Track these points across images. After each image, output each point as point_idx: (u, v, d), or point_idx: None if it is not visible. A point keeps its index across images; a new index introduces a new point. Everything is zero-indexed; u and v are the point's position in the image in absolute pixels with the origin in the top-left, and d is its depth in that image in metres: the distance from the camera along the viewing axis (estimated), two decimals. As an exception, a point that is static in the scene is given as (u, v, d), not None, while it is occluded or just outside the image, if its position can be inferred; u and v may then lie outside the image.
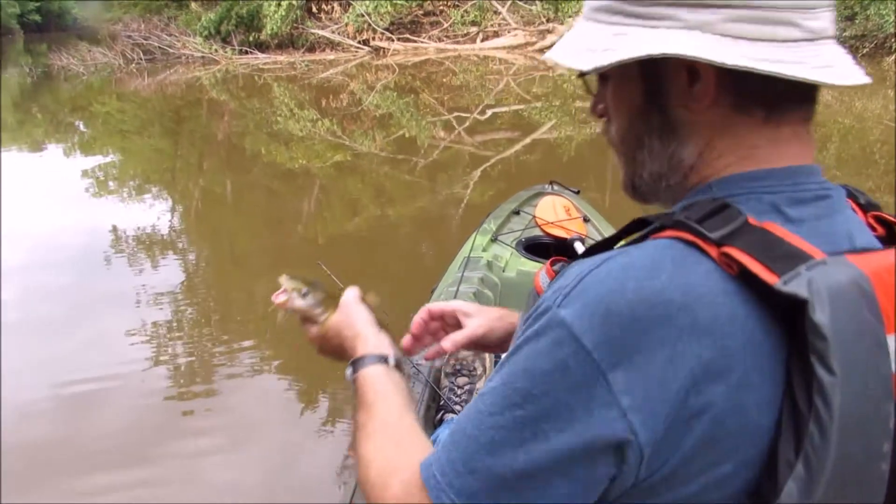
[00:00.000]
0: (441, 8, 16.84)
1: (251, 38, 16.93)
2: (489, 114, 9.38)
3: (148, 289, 4.08)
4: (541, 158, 7.09)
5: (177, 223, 5.83)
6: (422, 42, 16.49)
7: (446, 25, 16.55)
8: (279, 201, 6.32)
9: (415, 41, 16.50)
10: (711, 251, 0.53)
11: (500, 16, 16.22)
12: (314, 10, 17.21)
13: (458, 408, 1.52)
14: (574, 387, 0.51)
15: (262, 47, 16.87)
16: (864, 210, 0.65)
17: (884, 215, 0.65)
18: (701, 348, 0.50)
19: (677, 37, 0.56)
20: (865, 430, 0.50)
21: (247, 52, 16.68)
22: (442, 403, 1.56)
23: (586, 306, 0.52)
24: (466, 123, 8.70)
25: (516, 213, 2.81)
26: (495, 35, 16.24)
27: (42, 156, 8.99)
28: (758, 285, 0.51)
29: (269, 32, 16.40)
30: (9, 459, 2.48)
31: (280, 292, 0.93)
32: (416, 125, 9.01)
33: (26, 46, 32.34)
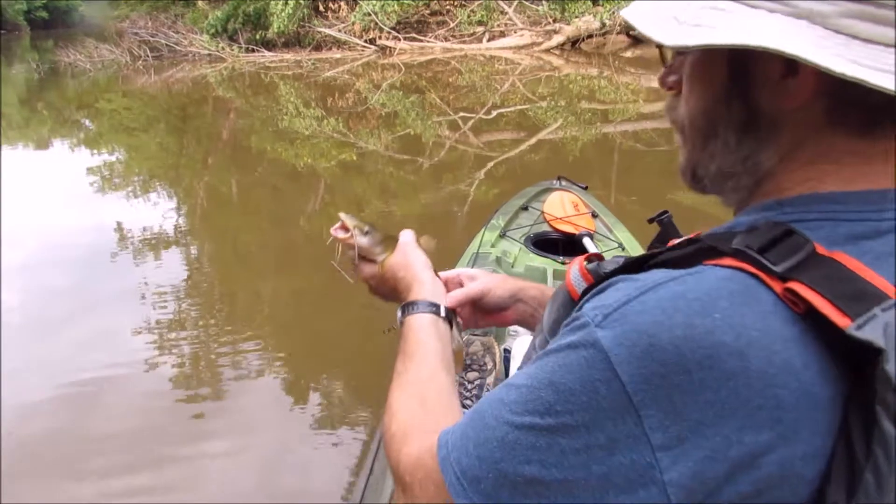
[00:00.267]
0: (448, 7, 16.85)
1: (258, 37, 16.99)
2: (494, 114, 9.38)
3: (153, 287, 4.09)
4: (546, 158, 7.09)
5: (182, 221, 5.84)
6: (428, 41, 16.50)
7: (453, 25, 16.56)
8: (285, 199, 6.33)
9: (421, 40, 16.51)
10: (775, 286, 0.48)
11: (507, 16, 16.22)
12: (321, 8, 17.24)
13: (468, 402, 1.52)
14: (601, 413, 0.49)
15: (269, 45, 16.91)
16: None
17: None
18: (749, 396, 0.46)
19: (784, 26, 0.48)
20: None
21: (253, 51, 16.72)
22: None
23: (628, 335, 0.48)
24: (471, 122, 8.70)
25: (524, 208, 2.80)
26: (501, 35, 16.24)
27: (48, 152, 9.02)
28: (824, 325, 0.46)
29: (276, 31, 16.45)
30: (12, 460, 2.48)
31: (338, 227, 0.94)
32: (421, 124, 9.01)
33: (33, 43, 32.47)
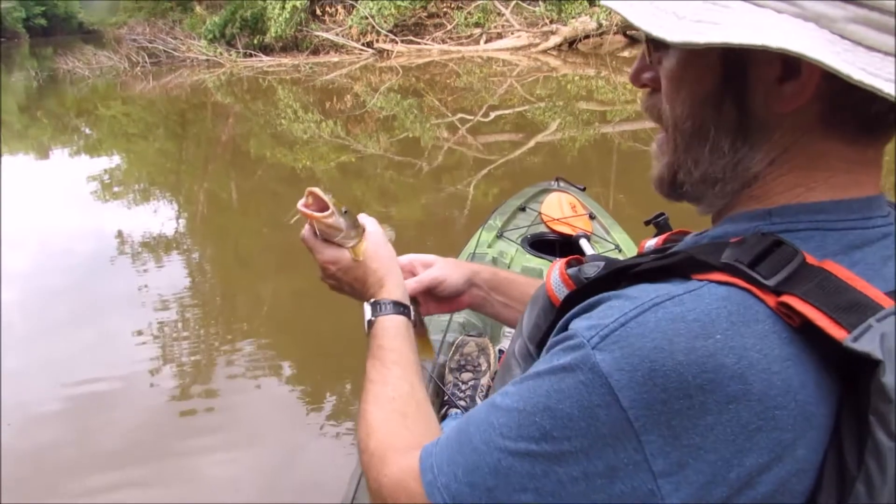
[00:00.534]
0: (444, 10, 16.87)
1: (255, 41, 17.01)
2: (493, 115, 9.39)
3: (154, 291, 4.10)
4: (544, 159, 7.10)
5: (182, 226, 5.86)
6: (425, 44, 16.52)
7: (450, 27, 16.57)
8: (284, 203, 6.34)
9: (418, 43, 16.53)
10: (768, 300, 0.48)
11: (504, 17, 16.23)
12: (318, 12, 17.26)
13: (461, 403, 1.53)
14: (601, 440, 0.47)
15: (267, 50, 16.93)
16: None
17: None
18: (749, 419, 0.46)
19: (793, 28, 0.46)
20: None
21: (251, 55, 16.74)
22: (446, 399, 1.57)
23: (628, 359, 0.47)
24: (469, 125, 8.72)
25: (522, 209, 2.80)
26: (499, 37, 16.26)
27: (48, 160, 9.04)
28: (819, 337, 0.46)
29: (274, 35, 16.46)
30: (14, 461, 2.49)
31: (309, 203, 0.84)
32: (419, 127, 9.02)
33: (32, 50, 32.54)
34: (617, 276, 0.57)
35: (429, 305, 0.99)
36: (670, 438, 0.46)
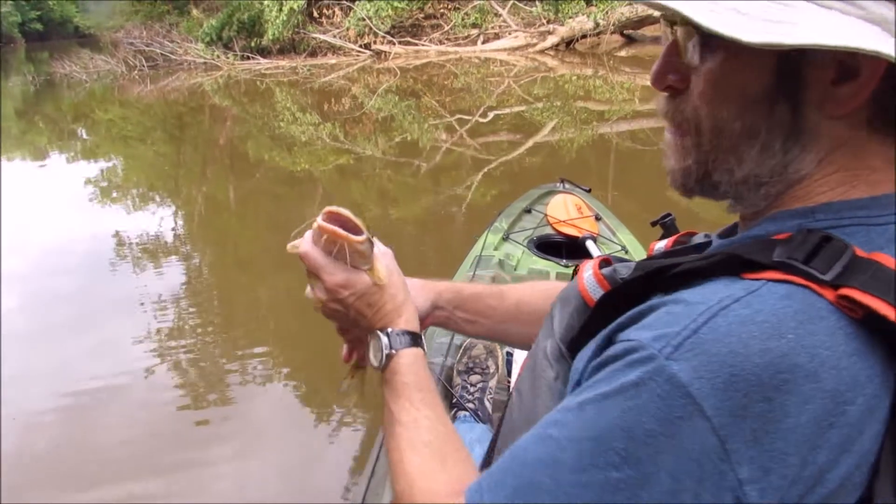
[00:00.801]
0: (442, 11, 16.89)
1: (253, 44, 17.01)
2: (491, 115, 9.39)
3: (153, 295, 4.09)
4: (542, 160, 7.10)
5: (181, 229, 5.85)
6: (423, 45, 16.53)
7: (447, 28, 16.59)
8: (282, 205, 6.34)
9: (416, 44, 16.54)
10: (827, 294, 0.48)
11: (501, 18, 16.24)
12: (315, 14, 17.27)
13: (470, 405, 1.53)
14: (685, 454, 0.46)
15: (264, 52, 16.94)
16: None
17: None
18: (823, 417, 0.46)
19: (863, 30, 0.47)
20: None
21: (249, 58, 16.74)
22: (454, 401, 1.57)
23: (706, 366, 0.46)
24: (468, 126, 8.71)
25: (528, 211, 2.80)
26: (496, 37, 16.27)
27: (45, 164, 9.03)
28: (881, 326, 0.47)
29: (271, 37, 16.47)
30: (13, 467, 2.48)
31: (333, 220, 0.72)
32: (418, 128, 9.02)
33: (28, 55, 32.51)
34: (654, 277, 0.56)
35: None
36: (753, 444, 0.46)
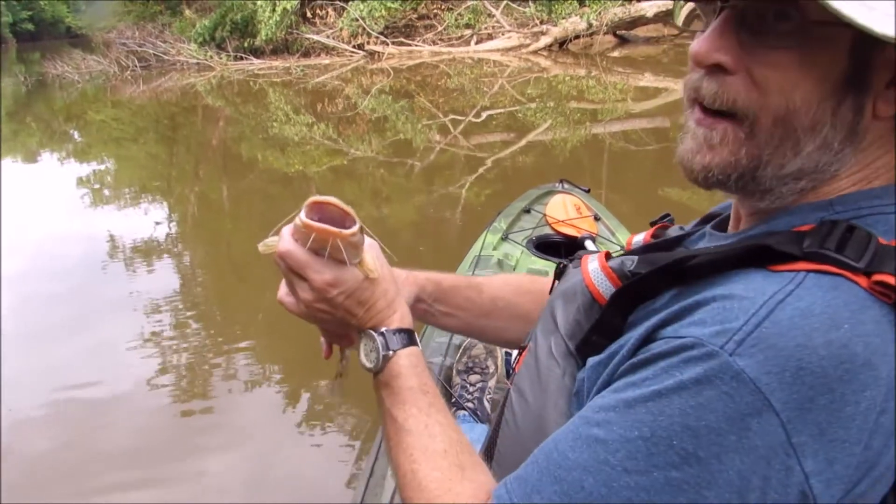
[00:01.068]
0: (435, 11, 16.88)
1: (246, 44, 16.95)
2: (484, 116, 9.40)
3: (146, 296, 4.07)
4: (536, 159, 7.11)
5: (174, 229, 5.83)
6: (416, 45, 16.52)
7: (440, 28, 16.58)
8: (276, 206, 6.33)
9: (409, 45, 16.53)
10: (861, 281, 0.49)
11: (494, 18, 16.25)
12: (309, 15, 17.23)
13: (469, 405, 1.53)
14: (754, 451, 0.46)
15: (257, 53, 16.88)
16: None
17: None
18: (877, 403, 0.47)
19: None
20: None
21: (242, 58, 16.69)
22: (453, 400, 1.57)
23: (773, 361, 0.46)
24: (462, 126, 8.72)
25: (527, 211, 2.81)
26: (489, 38, 16.27)
27: (37, 165, 8.98)
28: None
29: (264, 38, 16.42)
30: (11, 469, 2.47)
31: (321, 214, 0.63)
32: (411, 128, 9.02)
33: (19, 55, 32.32)
34: (671, 270, 0.56)
35: None
36: (818, 435, 0.46)
